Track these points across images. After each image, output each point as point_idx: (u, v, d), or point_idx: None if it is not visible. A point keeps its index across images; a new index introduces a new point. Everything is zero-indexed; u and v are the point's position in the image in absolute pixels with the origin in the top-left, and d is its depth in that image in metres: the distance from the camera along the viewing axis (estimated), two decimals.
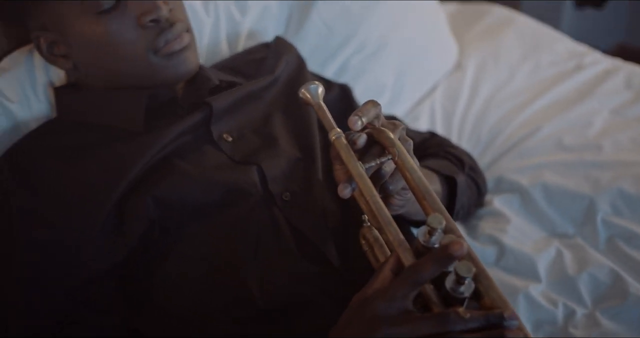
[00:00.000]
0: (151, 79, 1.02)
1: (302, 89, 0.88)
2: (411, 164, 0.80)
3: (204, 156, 0.99)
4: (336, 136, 0.82)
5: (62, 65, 1.04)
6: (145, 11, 0.97)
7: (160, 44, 0.99)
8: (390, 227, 0.75)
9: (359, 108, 0.81)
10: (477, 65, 1.56)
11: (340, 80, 1.37)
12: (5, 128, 1.08)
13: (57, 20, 0.99)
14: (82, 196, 0.92)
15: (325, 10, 1.37)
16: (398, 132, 0.84)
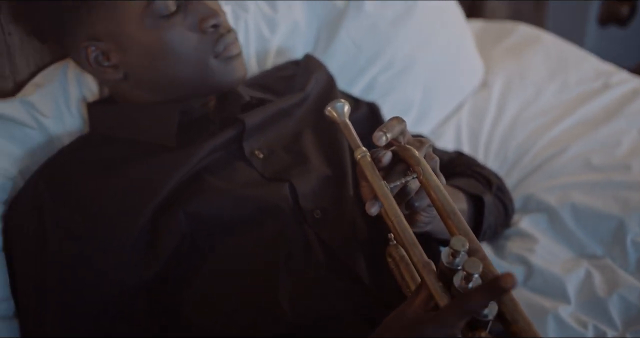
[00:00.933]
0: (206, 84, 1.03)
1: (329, 107, 0.89)
2: (436, 183, 0.79)
3: (236, 172, 1.00)
4: (361, 155, 0.82)
5: (110, 76, 1.03)
6: (207, 16, 1.00)
7: (220, 48, 1.01)
8: (414, 248, 0.75)
9: (384, 124, 0.81)
10: (504, 83, 1.56)
11: (367, 97, 1.38)
12: (40, 142, 1.10)
13: (115, 28, 0.99)
14: (116, 211, 0.93)
15: (354, 28, 1.38)
16: (424, 150, 0.84)
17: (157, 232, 0.93)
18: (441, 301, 0.70)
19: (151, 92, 1.05)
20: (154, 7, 0.97)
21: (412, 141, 0.86)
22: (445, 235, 1.00)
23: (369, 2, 1.39)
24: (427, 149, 0.85)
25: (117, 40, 1.00)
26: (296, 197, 0.98)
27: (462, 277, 0.70)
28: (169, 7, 0.98)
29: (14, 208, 0.99)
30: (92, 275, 0.91)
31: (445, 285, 0.72)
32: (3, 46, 1.12)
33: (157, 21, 0.98)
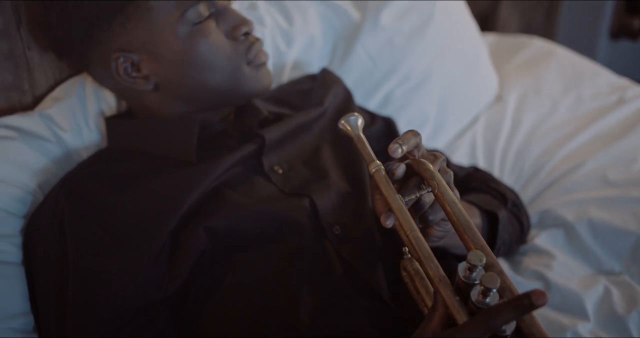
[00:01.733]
0: (237, 91, 1.04)
1: (342, 121, 0.89)
2: (451, 197, 0.79)
3: (255, 187, 1.00)
4: (376, 169, 0.82)
5: (141, 87, 1.03)
6: (239, 24, 1.02)
7: (251, 55, 1.03)
8: (430, 262, 0.75)
9: (400, 136, 0.81)
10: (518, 97, 1.56)
11: (383, 112, 1.38)
12: (58, 156, 1.10)
13: (148, 38, 0.99)
14: (137, 226, 0.93)
15: (370, 42, 1.38)
16: (438, 164, 0.84)
17: (178, 247, 0.93)
18: (458, 316, 0.70)
19: (180, 102, 1.05)
20: (187, 15, 0.98)
21: (427, 155, 0.86)
22: (458, 250, 1.01)
23: (385, 16, 1.39)
24: (442, 163, 0.85)
25: (150, 50, 1.00)
26: (316, 213, 0.98)
27: (479, 291, 0.70)
28: (202, 15, 0.99)
29: (34, 222, 0.99)
30: (113, 290, 0.91)
31: (462, 299, 0.71)
32: (23, 60, 1.12)
33: (190, 29, 0.99)
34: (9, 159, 1.03)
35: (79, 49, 1.03)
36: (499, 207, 1.10)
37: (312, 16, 1.39)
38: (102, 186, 0.99)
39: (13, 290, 0.98)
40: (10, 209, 1.01)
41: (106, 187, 0.98)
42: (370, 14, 1.39)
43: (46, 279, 0.95)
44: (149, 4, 0.98)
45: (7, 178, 1.02)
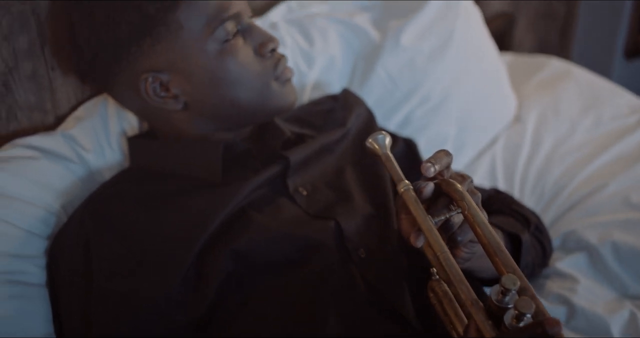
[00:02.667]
0: (265, 108, 1.05)
1: (370, 139, 0.88)
2: (482, 219, 0.78)
3: (280, 209, 1.00)
4: (405, 188, 0.82)
5: (170, 107, 1.03)
6: (266, 41, 1.03)
7: (278, 71, 1.04)
8: (462, 285, 0.74)
9: (432, 155, 0.81)
10: (537, 118, 1.55)
11: (403, 132, 1.37)
12: (81, 176, 1.10)
13: (178, 58, 0.99)
14: (163, 248, 0.93)
15: (390, 62, 1.38)
16: (466, 185, 0.84)
17: (204, 270, 0.92)
18: None
19: (207, 121, 1.05)
20: (216, 33, 0.99)
21: (455, 176, 0.85)
22: (482, 273, 1.00)
23: (406, 36, 1.39)
24: (470, 184, 0.85)
25: (180, 70, 1.00)
26: (341, 236, 0.98)
27: (513, 316, 0.69)
28: (230, 32, 1.00)
29: (58, 243, 0.99)
30: (139, 313, 0.90)
31: (494, 323, 0.71)
32: (46, 81, 1.13)
33: (220, 47, 1.00)
34: (32, 179, 1.03)
35: (106, 71, 1.03)
36: (522, 230, 1.09)
37: (331, 36, 1.39)
38: (127, 207, 0.98)
39: (36, 312, 0.97)
40: (34, 230, 1.00)
41: (131, 208, 0.98)
42: (391, 34, 1.39)
43: (70, 301, 0.94)
44: (179, 24, 0.98)
45: (30, 198, 1.02)
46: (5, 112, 1.09)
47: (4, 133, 1.10)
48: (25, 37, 1.08)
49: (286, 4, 1.42)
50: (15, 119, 1.10)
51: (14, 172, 1.02)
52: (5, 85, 1.07)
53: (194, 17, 0.99)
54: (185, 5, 0.98)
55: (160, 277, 0.91)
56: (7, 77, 1.07)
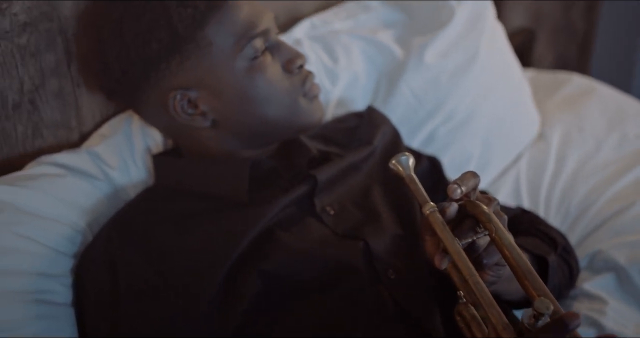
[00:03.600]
0: (293, 124, 1.05)
1: (393, 161, 0.87)
2: (510, 241, 0.78)
3: (307, 229, 0.99)
4: (430, 210, 0.81)
5: (198, 124, 1.02)
6: (294, 57, 1.03)
7: (307, 87, 1.04)
8: (492, 309, 0.73)
9: (459, 177, 0.81)
10: (561, 135, 1.53)
11: (426, 150, 1.36)
12: (106, 194, 1.09)
13: (206, 75, 0.99)
14: (191, 269, 0.92)
15: (414, 80, 1.37)
16: (492, 207, 0.83)
17: (232, 291, 0.91)
18: None
19: (235, 138, 1.04)
20: (245, 51, 0.99)
21: (481, 198, 0.84)
22: (509, 296, 0.98)
23: (430, 53, 1.38)
24: (496, 206, 0.84)
25: (209, 87, 1.00)
26: (370, 256, 0.96)
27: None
28: (259, 49, 1.00)
29: (84, 262, 0.98)
30: (166, 334, 0.89)
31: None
32: (72, 98, 1.13)
33: (248, 64, 1.00)
34: (58, 196, 1.03)
35: (134, 89, 1.03)
36: (548, 252, 1.08)
37: (355, 53, 1.39)
38: (154, 226, 0.98)
39: (63, 332, 0.96)
40: (60, 248, 1.00)
41: (158, 228, 0.97)
42: (415, 52, 1.38)
43: (97, 321, 0.94)
44: (208, 41, 0.98)
45: (57, 216, 1.01)
46: (32, 129, 1.09)
47: (30, 150, 1.10)
48: (52, 54, 1.08)
49: (309, 21, 1.42)
50: (41, 137, 1.10)
51: (41, 189, 1.01)
52: (32, 102, 1.07)
53: (223, 34, 0.98)
54: (215, 22, 0.98)
55: (188, 298, 0.90)
56: (34, 94, 1.07)
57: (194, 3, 0.97)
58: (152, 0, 0.98)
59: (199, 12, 0.97)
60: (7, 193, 0.98)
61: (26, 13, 1.02)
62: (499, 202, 0.85)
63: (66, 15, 1.07)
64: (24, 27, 1.02)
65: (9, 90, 1.04)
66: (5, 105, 1.04)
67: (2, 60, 1.02)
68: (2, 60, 1.02)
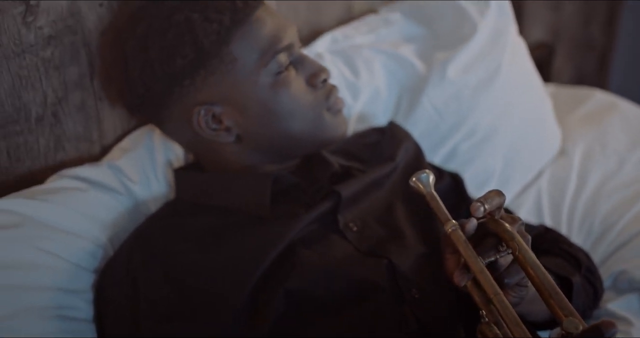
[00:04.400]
0: (318, 139, 1.04)
1: (414, 178, 0.86)
2: (534, 260, 0.77)
3: (331, 246, 0.97)
4: (452, 229, 0.80)
5: (223, 139, 1.02)
6: (318, 71, 1.03)
7: (331, 101, 1.04)
8: (518, 328, 0.73)
9: (484, 195, 0.80)
10: (584, 152, 1.51)
11: (448, 166, 1.35)
12: (128, 208, 1.09)
13: (231, 90, 0.99)
14: (214, 289, 0.91)
15: (436, 95, 1.36)
16: (516, 226, 0.82)
17: (257, 310, 0.90)
18: None
19: (258, 153, 1.04)
20: (269, 66, 0.99)
21: (505, 217, 0.83)
22: (532, 317, 0.96)
23: (452, 68, 1.37)
24: (520, 227, 0.83)
25: (233, 102, 1.00)
26: (394, 275, 0.95)
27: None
28: (283, 64, 1.00)
29: (106, 279, 0.98)
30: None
31: None
32: (94, 111, 1.13)
33: (273, 79, 1.00)
34: (80, 211, 1.02)
35: (157, 104, 1.02)
36: (572, 273, 1.06)
37: (376, 67, 1.38)
38: (175, 243, 0.97)
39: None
40: (82, 263, 0.99)
41: (180, 245, 0.96)
42: (437, 67, 1.37)
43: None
44: (232, 56, 0.97)
45: (78, 231, 1.01)
46: (54, 142, 1.09)
47: (52, 163, 1.09)
48: (75, 68, 1.08)
49: (330, 35, 1.41)
50: (63, 150, 1.10)
51: (62, 203, 1.01)
52: (55, 115, 1.07)
53: (248, 50, 0.98)
54: (240, 37, 0.98)
55: (210, 318, 0.89)
56: (57, 107, 1.07)
57: (219, 18, 0.96)
58: (177, 15, 0.97)
59: (224, 27, 0.96)
60: (29, 208, 0.98)
61: (51, 26, 1.02)
62: (524, 222, 0.84)
63: (90, 28, 1.07)
64: (49, 41, 1.02)
65: (32, 103, 1.04)
66: (29, 118, 1.04)
67: (26, 74, 1.01)
68: (27, 73, 1.02)
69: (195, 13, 0.97)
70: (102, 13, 1.08)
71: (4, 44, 0.98)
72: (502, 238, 0.79)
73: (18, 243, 0.94)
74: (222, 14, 0.96)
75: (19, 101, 1.02)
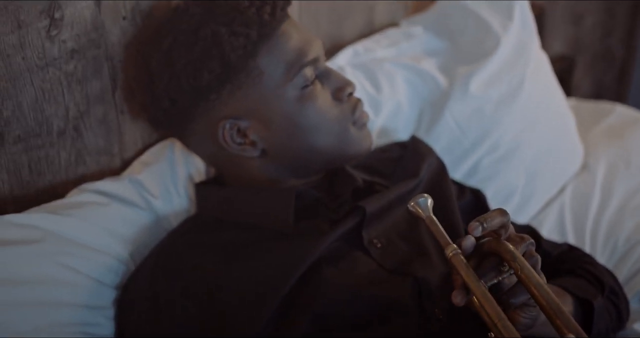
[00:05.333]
0: (343, 153, 1.04)
1: (412, 203, 0.86)
2: (537, 279, 0.76)
3: (355, 263, 0.96)
4: (453, 253, 0.79)
5: (248, 153, 1.01)
6: (343, 85, 1.03)
7: (356, 115, 1.03)
8: None
9: (484, 214, 0.79)
10: (607, 167, 1.49)
11: (469, 182, 1.33)
12: (149, 223, 1.08)
13: (257, 104, 0.98)
14: (238, 307, 0.90)
15: (458, 110, 1.35)
16: (524, 247, 0.81)
17: (280, 330, 0.89)
18: None
19: (282, 168, 1.03)
20: (295, 80, 0.98)
21: (514, 236, 0.82)
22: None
23: (475, 83, 1.36)
24: (528, 247, 0.82)
25: (259, 116, 0.99)
26: (419, 295, 0.93)
27: None
28: (309, 78, 0.99)
29: (128, 295, 0.97)
30: None
31: None
32: (115, 124, 1.12)
33: (299, 93, 0.99)
34: (102, 226, 1.01)
35: (182, 118, 1.02)
36: (594, 294, 1.03)
37: (398, 81, 1.37)
38: (198, 260, 0.96)
39: None
40: (104, 279, 0.98)
41: (202, 262, 0.95)
42: (459, 81, 1.36)
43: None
44: (259, 70, 0.97)
45: (100, 246, 1.00)
46: (75, 155, 1.08)
47: (72, 177, 1.09)
48: (98, 81, 1.07)
49: (352, 48, 1.40)
50: (84, 163, 1.09)
51: (84, 218, 1.00)
52: (76, 129, 1.07)
53: (274, 63, 0.97)
54: (266, 51, 0.97)
55: (233, 335, 0.88)
56: (79, 121, 1.07)
57: (246, 32, 0.96)
58: (203, 29, 0.97)
59: (251, 41, 0.96)
60: (51, 222, 0.97)
61: (74, 40, 1.02)
62: (534, 243, 0.83)
63: (113, 42, 1.07)
64: (72, 54, 1.02)
65: (54, 117, 1.03)
66: (50, 132, 1.03)
67: (49, 87, 1.01)
68: (49, 87, 1.01)
69: (222, 27, 0.96)
70: (125, 26, 1.08)
71: (28, 57, 0.97)
72: (504, 259, 0.79)
73: (40, 259, 0.93)
74: (249, 28, 0.96)
75: (42, 115, 1.02)
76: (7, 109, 0.97)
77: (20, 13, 0.94)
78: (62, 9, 0.99)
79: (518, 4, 1.45)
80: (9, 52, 0.95)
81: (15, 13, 0.94)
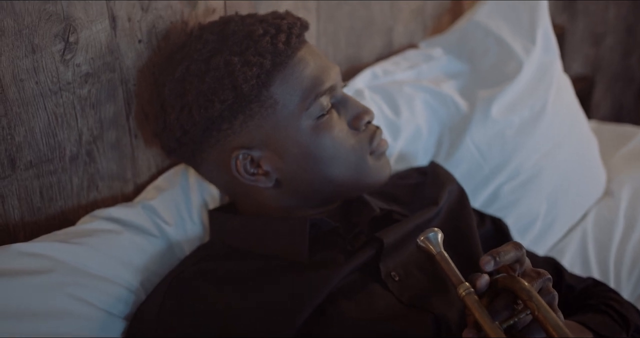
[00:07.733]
0: (360, 183, 1.01)
1: (422, 237, 0.83)
2: (555, 321, 0.73)
3: (372, 297, 0.93)
4: (466, 292, 0.77)
5: (261, 184, 0.98)
6: (361, 113, 1.00)
7: (375, 144, 1.00)
8: None
9: (497, 248, 0.77)
10: (631, 193, 1.45)
11: (490, 209, 1.30)
12: (161, 251, 1.05)
13: (271, 135, 0.96)
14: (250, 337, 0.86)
15: (479, 135, 1.31)
16: (540, 283, 0.79)
17: None
18: None
19: (297, 198, 1.00)
20: (311, 109, 0.95)
21: (529, 271, 0.80)
22: None
23: (496, 107, 1.32)
24: (544, 283, 0.79)
25: (273, 147, 0.96)
26: (439, 332, 0.90)
27: None
28: (325, 107, 0.96)
29: (137, 325, 0.94)
30: None
31: None
32: (128, 149, 1.10)
33: (314, 122, 0.96)
34: (114, 255, 0.99)
35: (194, 148, 0.99)
36: (618, 333, 1.00)
37: (417, 105, 1.34)
38: (210, 291, 0.92)
39: None
40: (113, 310, 0.95)
41: (214, 293, 0.92)
42: (480, 105, 1.33)
43: None
44: (273, 100, 0.94)
45: (111, 276, 0.97)
46: (87, 181, 1.06)
47: (84, 203, 1.06)
48: (112, 105, 1.05)
49: (371, 70, 1.37)
50: (96, 189, 1.07)
51: (96, 247, 0.98)
52: (89, 154, 1.04)
53: (289, 93, 0.95)
54: (280, 80, 0.94)
55: None
56: (92, 146, 1.04)
57: (260, 61, 0.93)
58: (216, 58, 0.94)
59: (264, 71, 0.93)
60: (61, 252, 0.94)
61: (89, 64, 1.00)
62: (551, 278, 0.80)
63: (128, 65, 1.05)
64: (86, 78, 1.00)
65: (67, 142, 1.01)
66: (63, 157, 1.01)
67: (62, 112, 0.99)
68: (63, 111, 0.99)
69: (235, 56, 0.93)
70: (140, 50, 1.05)
71: (41, 81, 0.95)
72: (519, 297, 0.76)
73: (49, 290, 0.91)
74: (263, 57, 0.93)
75: (54, 140, 0.99)
76: (19, 134, 0.95)
77: (35, 37, 0.92)
78: (77, 32, 0.97)
79: (541, 26, 1.42)
80: (22, 76, 0.93)
81: (29, 37, 0.92)
